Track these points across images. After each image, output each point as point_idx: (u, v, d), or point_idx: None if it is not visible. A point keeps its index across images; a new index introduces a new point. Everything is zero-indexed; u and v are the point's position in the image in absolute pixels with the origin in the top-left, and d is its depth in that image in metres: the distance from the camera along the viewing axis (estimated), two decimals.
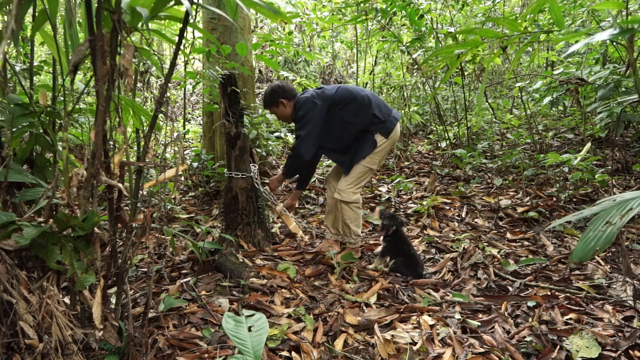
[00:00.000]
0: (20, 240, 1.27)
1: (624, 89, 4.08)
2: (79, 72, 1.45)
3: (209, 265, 2.68)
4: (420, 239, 3.30)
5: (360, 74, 6.80)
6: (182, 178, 4.52)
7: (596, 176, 3.56)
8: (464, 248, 2.99)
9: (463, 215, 3.73)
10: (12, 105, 1.56)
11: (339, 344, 1.91)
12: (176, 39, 1.53)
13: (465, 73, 5.74)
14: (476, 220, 3.63)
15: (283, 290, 2.41)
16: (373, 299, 2.33)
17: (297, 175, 3.20)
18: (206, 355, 1.82)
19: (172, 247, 2.58)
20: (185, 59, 5.26)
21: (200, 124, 6.76)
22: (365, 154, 2.88)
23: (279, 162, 5.58)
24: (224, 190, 3.08)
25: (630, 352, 1.78)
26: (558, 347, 1.84)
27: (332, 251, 2.86)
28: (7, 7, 1.49)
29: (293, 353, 1.84)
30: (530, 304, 2.21)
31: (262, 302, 2.26)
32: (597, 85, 4.00)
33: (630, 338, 1.85)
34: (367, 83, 6.69)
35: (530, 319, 2.08)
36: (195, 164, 4.33)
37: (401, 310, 2.20)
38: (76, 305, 1.55)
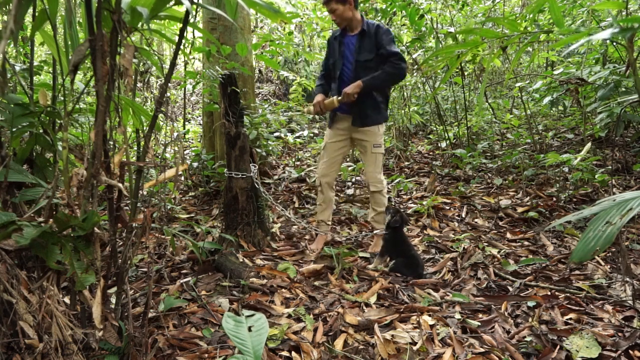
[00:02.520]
0: (20, 240, 1.27)
1: (624, 89, 4.08)
2: (79, 72, 1.45)
3: (209, 265, 2.68)
4: (420, 239, 3.30)
5: None
6: (182, 178, 4.52)
7: (596, 176, 3.56)
8: (464, 248, 2.99)
9: (463, 215, 3.73)
10: (12, 105, 1.56)
11: (339, 344, 1.91)
12: (176, 39, 1.53)
13: (465, 73, 5.74)
14: (476, 220, 3.63)
15: (283, 290, 2.41)
16: (373, 299, 2.33)
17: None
18: (206, 355, 1.82)
19: (172, 247, 2.58)
20: (185, 59, 5.27)
21: (200, 124, 6.76)
22: (382, 120, 3.05)
23: (279, 162, 5.59)
24: (224, 190, 3.08)
25: (630, 352, 1.78)
26: (558, 347, 1.84)
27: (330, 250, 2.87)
28: (7, 7, 1.49)
29: (293, 353, 1.84)
30: (530, 304, 2.21)
31: (262, 302, 2.26)
32: (597, 85, 4.00)
33: (630, 338, 1.85)
34: None
35: (530, 319, 2.08)
36: (195, 164, 4.34)
37: (401, 310, 2.20)
38: (76, 305, 1.55)
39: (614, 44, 3.50)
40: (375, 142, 3.03)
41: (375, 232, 3.13)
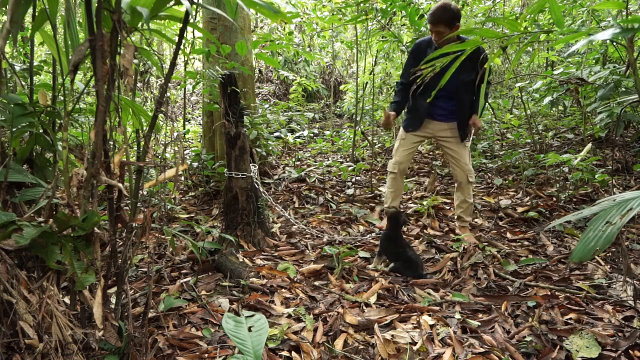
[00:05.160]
0: (20, 240, 1.27)
1: (624, 89, 4.08)
2: (79, 72, 1.45)
3: (209, 265, 2.68)
4: (421, 239, 3.30)
5: (360, 74, 6.80)
6: (182, 178, 4.52)
7: (596, 176, 3.56)
8: (464, 248, 2.99)
9: None
10: (12, 105, 1.56)
11: (339, 344, 1.91)
12: (176, 39, 1.53)
13: None
14: (476, 220, 3.63)
15: (283, 290, 2.41)
16: (373, 299, 2.33)
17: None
18: (206, 355, 1.82)
19: (172, 247, 2.57)
20: (185, 59, 5.26)
21: (200, 124, 6.76)
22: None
23: (279, 162, 5.59)
24: (224, 190, 3.08)
25: (630, 352, 1.78)
26: (558, 347, 1.84)
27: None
28: (6, 7, 1.49)
29: (293, 353, 1.84)
30: (530, 304, 2.21)
31: (262, 302, 2.26)
32: (597, 85, 4.00)
33: (630, 338, 1.85)
34: (367, 83, 6.69)
35: (530, 319, 2.08)
36: (195, 164, 4.33)
37: (401, 310, 2.20)
38: (76, 305, 1.55)
39: (614, 44, 3.50)
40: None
41: (372, 234, 3.17)
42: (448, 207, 3.90)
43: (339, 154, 6.04)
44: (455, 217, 3.41)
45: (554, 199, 3.77)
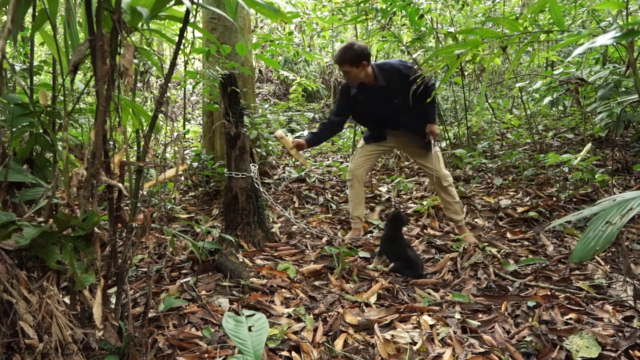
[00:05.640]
0: (20, 240, 1.27)
1: (624, 89, 4.08)
2: (79, 72, 1.45)
3: (209, 265, 2.68)
4: (421, 239, 3.30)
5: None
6: (182, 178, 4.52)
7: (596, 176, 3.56)
8: (464, 248, 2.98)
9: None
10: (12, 105, 1.56)
11: (339, 344, 1.91)
12: (176, 39, 1.53)
13: (465, 73, 5.74)
14: (476, 220, 3.63)
15: (283, 290, 2.41)
16: (373, 299, 2.33)
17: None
18: (206, 355, 1.82)
19: (172, 247, 2.57)
20: (185, 59, 5.26)
21: (200, 124, 6.76)
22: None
23: (279, 162, 5.58)
24: (224, 190, 3.08)
25: (630, 352, 1.78)
26: (558, 347, 1.84)
27: None
28: (6, 7, 1.49)
29: (293, 353, 1.84)
30: (530, 304, 2.21)
31: (262, 302, 2.26)
32: (597, 85, 4.00)
33: (630, 338, 1.85)
34: None
35: (530, 319, 2.08)
36: (195, 164, 4.33)
37: (401, 310, 2.20)
38: (76, 305, 1.55)
39: (614, 43, 3.50)
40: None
41: (368, 235, 3.17)
42: None
43: (339, 154, 6.04)
44: (448, 219, 3.42)
45: (554, 199, 3.76)
